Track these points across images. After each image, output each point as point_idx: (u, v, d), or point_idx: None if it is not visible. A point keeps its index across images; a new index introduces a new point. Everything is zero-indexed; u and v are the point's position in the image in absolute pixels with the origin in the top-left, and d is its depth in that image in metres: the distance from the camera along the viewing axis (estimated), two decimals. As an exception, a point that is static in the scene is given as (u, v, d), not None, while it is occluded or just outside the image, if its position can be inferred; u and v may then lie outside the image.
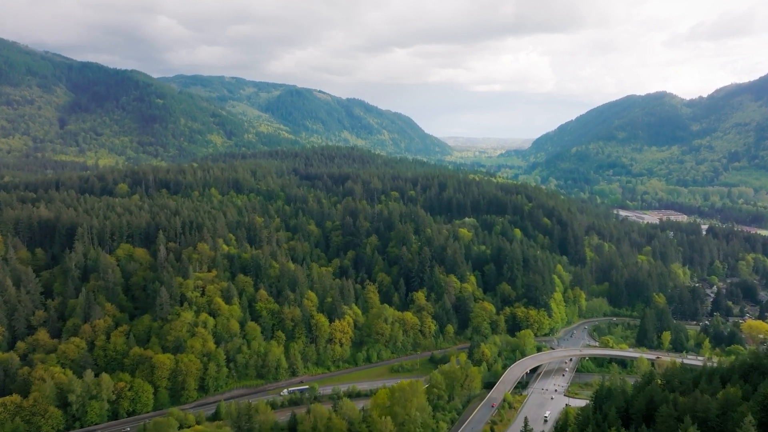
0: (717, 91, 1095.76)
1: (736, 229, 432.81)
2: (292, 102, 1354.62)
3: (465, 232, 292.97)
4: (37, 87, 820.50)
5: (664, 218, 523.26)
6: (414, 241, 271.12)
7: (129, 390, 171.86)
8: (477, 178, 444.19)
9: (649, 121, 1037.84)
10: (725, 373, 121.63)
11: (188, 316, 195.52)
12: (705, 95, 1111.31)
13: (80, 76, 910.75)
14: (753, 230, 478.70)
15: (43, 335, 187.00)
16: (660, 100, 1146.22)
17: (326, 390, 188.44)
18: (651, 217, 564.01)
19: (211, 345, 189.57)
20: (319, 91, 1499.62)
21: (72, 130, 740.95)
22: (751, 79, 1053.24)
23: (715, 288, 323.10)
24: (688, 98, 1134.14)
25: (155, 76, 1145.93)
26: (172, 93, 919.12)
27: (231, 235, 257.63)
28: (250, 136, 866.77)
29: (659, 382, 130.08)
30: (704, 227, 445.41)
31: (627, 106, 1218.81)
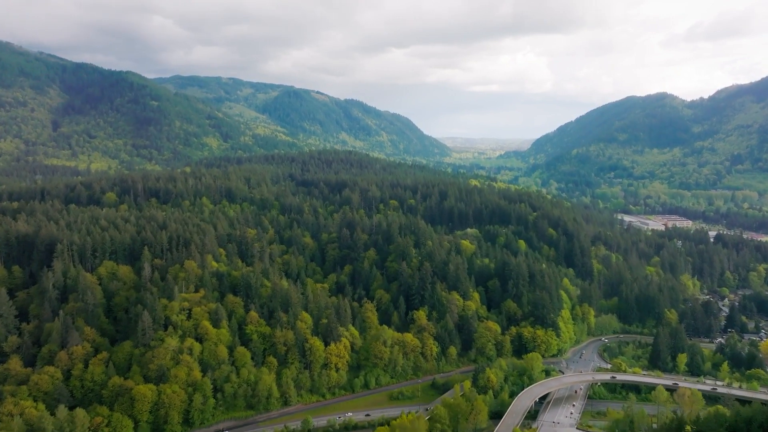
0: (718, 92, 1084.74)
1: (745, 237, 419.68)
2: (289, 103, 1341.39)
3: (467, 245, 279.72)
4: (30, 88, 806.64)
5: (670, 224, 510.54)
6: (414, 256, 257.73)
7: (106, 425, 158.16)
8: (478, 185, 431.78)
9: (650, 122, 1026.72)
10: (765, 421, 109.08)
11: (172, 341, 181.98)
12: (705, 96, 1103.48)
13: (74, 78, 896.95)
14: (761, 237, 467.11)
15: (15, 363, 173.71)
16: (661, 101, 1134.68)
17: (321, 422, 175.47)
18: (655, 223, 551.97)
19: (197, 374, 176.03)
20: (317, 92, 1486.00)
21: (65, 133, 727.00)
22: (752, 80, 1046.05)
23: (726, 301, 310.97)
24: (688, 99, 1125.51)
25: (152, 76, 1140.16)
26: (168, 95, 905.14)
27: (221, 249, 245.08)
28: (247, 139, 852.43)
29: (689, 429, 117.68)
30: (711, 234, 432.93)
31: (627, 107, 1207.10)
